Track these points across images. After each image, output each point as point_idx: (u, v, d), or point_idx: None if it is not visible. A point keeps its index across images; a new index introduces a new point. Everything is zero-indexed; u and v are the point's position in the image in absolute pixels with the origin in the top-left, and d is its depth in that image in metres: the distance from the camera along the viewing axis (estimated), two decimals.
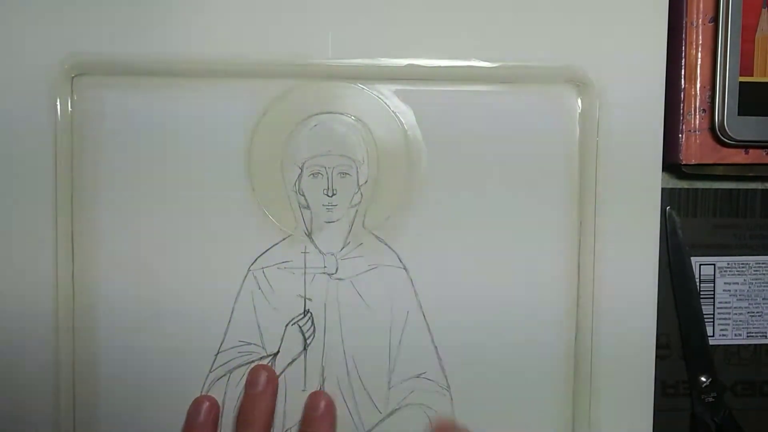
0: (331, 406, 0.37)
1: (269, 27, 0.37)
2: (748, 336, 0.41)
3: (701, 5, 0.38)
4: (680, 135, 0.38)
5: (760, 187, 0.41)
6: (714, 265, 0.41)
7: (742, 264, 0.41)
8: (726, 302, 0.41)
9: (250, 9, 0.37)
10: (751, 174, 0.39)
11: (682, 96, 0.38)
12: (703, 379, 0.41)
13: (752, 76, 0.37)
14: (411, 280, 0.38)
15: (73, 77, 0.36)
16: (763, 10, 0.37)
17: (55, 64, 0.36)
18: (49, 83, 0.36)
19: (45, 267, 0.37)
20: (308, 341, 0.38)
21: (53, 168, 0.36)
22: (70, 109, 0.36)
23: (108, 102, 0.37)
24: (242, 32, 0.37)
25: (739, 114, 0.37)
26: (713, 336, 0.41)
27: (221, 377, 0.37)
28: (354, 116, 0.37)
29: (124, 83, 0.37)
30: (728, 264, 0.41)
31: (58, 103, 0.36)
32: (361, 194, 0.38)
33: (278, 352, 0.38)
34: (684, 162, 0.38)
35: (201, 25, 0.37)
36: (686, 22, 0.38)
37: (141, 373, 0.37)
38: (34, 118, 0.36)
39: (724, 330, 0.41)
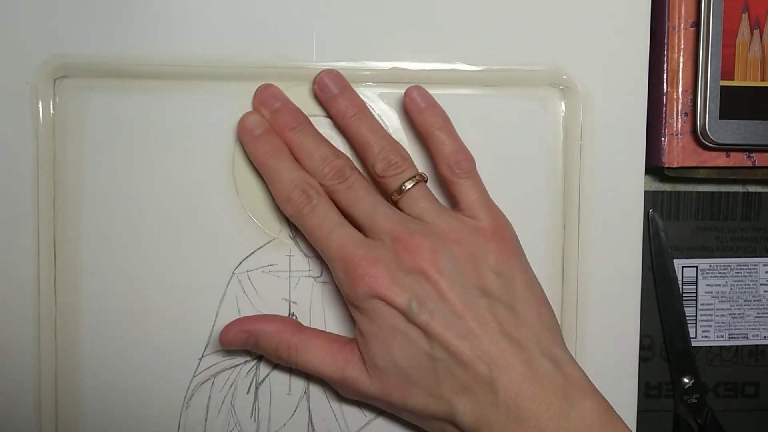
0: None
1: (254, 30, 0.37)
2: (729, 337, 0.42)
3: (683, 10, 0.38)
4: (663, 138, 0.39)
5: (741, 190, 0.42)
6: (696, 267, 0.42)
7: (724, 266, 0.42)
8: (708, 304, 0.42)
9: (235, 11, 0.37)
10: (732, 177, 0.40)
11: (664, 100, 0.39)
12: (685, 380, 0.41)
13: (733, 80, 0.37)
14: None
15: (55, 80, 0.36)
16: (743, 15, 0.37)
17: (37, 67, 0.36)
18: (30, 86, 0.36)
19: (27, 272, 0.36)
20: None
21: (35, 172, 0.36)
22: (52, 111, 0.36)
23: (91, 105, 0.36)
24: (227, 35, 0.37)
25: (720, 117, 0.37)
26: (696, 338, 0.42)
27: (205, 381, 0.37)
28: None
29: (107, 86, 0.36)
30: (710, 266, 0.42)
31: (40, 106, 0.36)
32: None
33: (263, 356, 0.37)
34: (666, 165, 0.39)
35: (185, 27, 0.36)
36: (668, 27, 0.38)
37: (124, 377, 0.37)
38: (16, 121, 0.36)
39: (707, 331, 0.42)
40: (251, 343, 0.35)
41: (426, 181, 0.35)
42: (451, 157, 0.35)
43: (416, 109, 0.35)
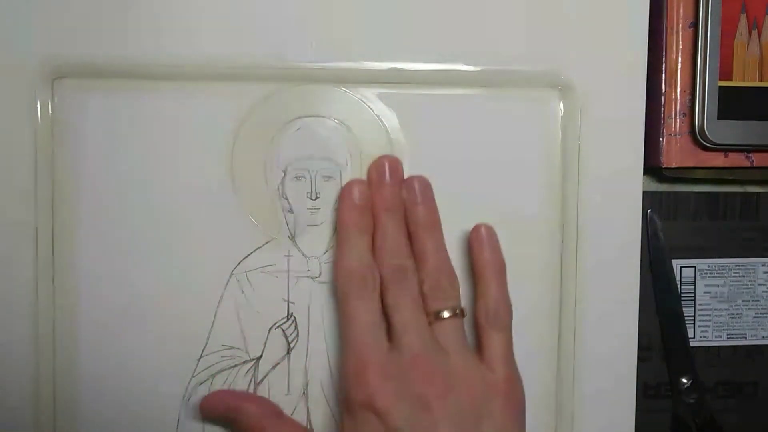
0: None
1: (251, 30, 0.37)
2: (728, 337, 0.42)
3: (681, 11, 0.38)
4: (661, 138, 0.39)
5: (739, 190, 0.42)
6: (694, 267, 0.42)
7: (722, 266, 0.42)
8: (706, 304, 0.42)
9: (232, 12, 0.37)
10: (730, 177, 0.40)
11: (662, 100, 0.39)
12: (684, 380, 0.41)
13: (731, 80, 0.37)
14: None
15: (53, 80, 0.36)
16: (741, 15, 0.37)
17: (36, 67, 0.36)
18: (29, 86, 0.36)
19: (25, 272, 0.36)
20: (292, 345, 0.38)
21: (33, 172, 0.36)
22: (50, 112, 0.36)
23: (89, 105, 0.36)
24: (224, 35, 0.37)
25: (718, 118, 0.37)
26: (694, 338, 0.42)
27: (204, 382, 0.37)
28: (337, 119, 0.37)
29: (105, 86, 0.36)
30: (708, 266, 0.42)
31: (38, 106, 0.36)
32: None
33: (261, 356, 0.37)
34: (665, 165, 0.39)
35: (183, 27, 0.36)
36: (666, 27, 0.38)
37: (122, 378, 0.37)
38: (15, 121, 0.36)
39: (705, 332, 0.42)
40: (230, 417, 0.35)
41: (463, 317, 0.35)
42: (491, 305, 0.35)
43: (479, 249, 0.36)
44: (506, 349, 0.35)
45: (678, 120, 0.38)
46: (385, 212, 0.35)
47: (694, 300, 0.42)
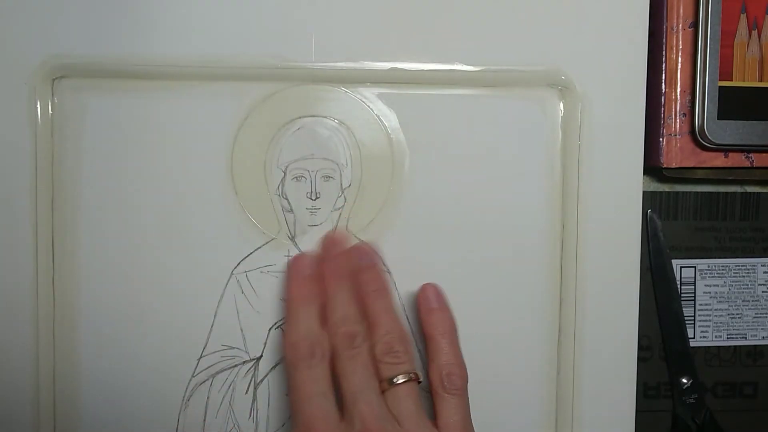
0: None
1: (252, 30, 0.37)
2: (728, 338, 0.42)
3: (681, 11, 0.38)
4: (661, 139, 0.39)
5: (739, 191, 0.42)
6: (695, 267, 0.42)
7: (722, 266, 0.42)
8: (706, 304, 0.42)
9: (233, 12, 0.37)
10: (730, 177, 0.40)
11: (662, 100, 0.39)
12: (684, 380, 0.41)
13: (731, 80, 0.37)
14: (395, 283, 0.38)
15: (53, 80, 0.36)
16: (741, 15, 0.37)
17: (36, 67, 0.36)
18: (29, 86, 0.36)
19: (25, 272, 0.36)
20: None
21: (33, 172, 0.36)
22: (50, 112, 0.36)
23: (89, 105, 0.36)
24: (225, 35, 0.37)
25: (718, 118, 0.37)
26: (694, 338, 0.42)
27: (204, 382, 0.37)
28: (337, 120, 0.37)
29: (106, 86, 0.36)
30: (708, 266, 0.42)
31: (38, 106, 0.36)
32: (345, 198, 0.38)
33: (261, 356, 0.37)
34: (665, 165, 0.39)
35: (183, 27, 0.36)
36: (666, 27, 0.38)
37: (123, 378, 0.37)
38: (14, 121, 0.36)
39: (705, 332, 0.42)
40: None
41: (419, 382, 0.34)
42: (445, 368, 0.34)
43: (426, 309, 0.36)
44: (462, 415, 0.34)
45: (678, 120, 0.38)
46: (334, 281, 0.35)
47: (694, 300, 0.42)
